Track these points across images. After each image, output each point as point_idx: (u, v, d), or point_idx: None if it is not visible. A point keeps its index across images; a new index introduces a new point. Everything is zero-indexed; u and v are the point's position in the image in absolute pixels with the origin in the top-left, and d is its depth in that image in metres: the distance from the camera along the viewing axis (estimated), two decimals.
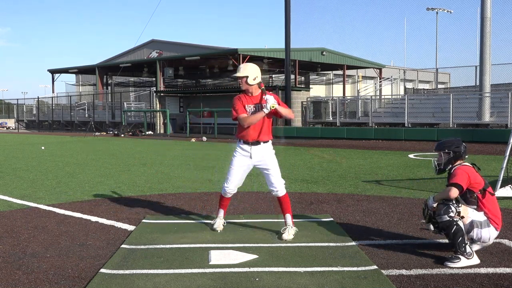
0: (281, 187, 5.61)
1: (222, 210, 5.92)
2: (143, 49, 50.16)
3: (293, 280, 4.16)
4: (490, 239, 4.77)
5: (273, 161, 5.65)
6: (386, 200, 7.75)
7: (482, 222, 4.71)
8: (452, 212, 4.58)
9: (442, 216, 4.62)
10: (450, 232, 4.59)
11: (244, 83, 5.56)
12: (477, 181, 4.77)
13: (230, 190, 5.74)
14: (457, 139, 5.07)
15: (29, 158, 15.71)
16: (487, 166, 12.07)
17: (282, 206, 5.68)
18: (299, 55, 34.39)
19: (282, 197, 5.64)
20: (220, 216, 5.91)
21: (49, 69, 47.53)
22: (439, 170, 5.05)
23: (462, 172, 4.75)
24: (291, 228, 5.55)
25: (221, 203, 5.91)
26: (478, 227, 4.69)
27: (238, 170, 5.69)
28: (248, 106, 5.60)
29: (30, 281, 4.21)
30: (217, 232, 5.77)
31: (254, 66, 5.62)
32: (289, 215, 5.63)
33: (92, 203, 7.64)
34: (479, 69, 24.04)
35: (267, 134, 5.64)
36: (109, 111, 41.74)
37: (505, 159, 7.98)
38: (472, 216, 4.71)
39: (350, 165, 12.99)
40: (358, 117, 29.76)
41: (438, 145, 5.08)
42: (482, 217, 4.74)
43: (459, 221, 4.59)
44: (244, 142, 5.64)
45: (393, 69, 47.12)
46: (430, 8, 47.06)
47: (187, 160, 14.65)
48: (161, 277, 4.26)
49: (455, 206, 4.61)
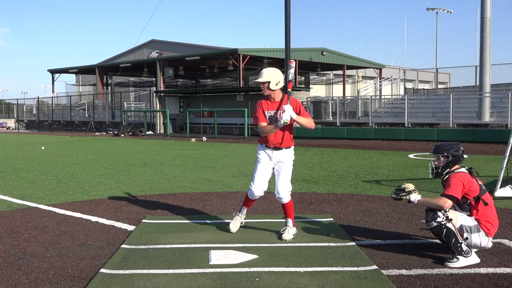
0: (284, 193, 5.51)
1: (246, 208, 5.81)
2: (143, 49, 50.18)
3: (293, 280, 4.16)
4: (481, 244, 4.69)
5: (287, 166, 5.56)
6: (386, 200, 7.75)
7: (472, 227, 4.65)
8: (439, 217, 4.56)
9: (429, 222, 4.59)
10: (443, 236, 4.57)
11: (266, 88, 5.46)
12: (472, 188, 4.70)
13: (256, 192, 5.58)
14: (455, 143, 5.01)
15: (29, 158, 15.71)
16: (487, 166, 12.07)
17: (285, 211, 5.65)
18: (299, 55, 34.38)
19: (286, 204, 5.59)
20: (243, 212, 5.81)
21: (49, 69, 47.58)
22: (436, 173, 4.96)
23: (457, 181, 4.67)
24: (291, 228, 5.54)
25: (246, 203, 5.79)
26: (468, 231, 4.64)
27: (263, 172, 5.56)
28: (268, 112, 5.51)
29: (30, 281, 4.21)
30: (233, 232, 5.72)
31: (276, 70, 5.51)
32: (290, 220, 5.61)
33: (92, 203, 7.64)
34: (479, 69, 24.05)
35: (287, 140, 5.53)
36: (109, 111, 41.74)
37: (505, 159, 7.98)
38: (461, 221, 4.66)
39: (350, 165, 12.99)
40: (358, 117, 29.77)
41: (436, 148, 4.97)
42: (472, 222, 4.68)
43: (448, 223, 4.55)
44: (266, 147, 5.58)
45: (393, 69, 47.11)
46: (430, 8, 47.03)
47: (187, 160, 14.64)
48: (161, 277, 4.26)
49: (442, 212, 4.58)
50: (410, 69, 47.54)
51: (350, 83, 47.79)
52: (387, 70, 44.00)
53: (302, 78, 41.10)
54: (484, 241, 4.68)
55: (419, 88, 45.77)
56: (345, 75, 40.22)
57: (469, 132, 21.75)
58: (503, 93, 25.79)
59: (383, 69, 42.31)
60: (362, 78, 46.64)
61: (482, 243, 4.68)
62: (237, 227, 5.78)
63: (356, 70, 44.18)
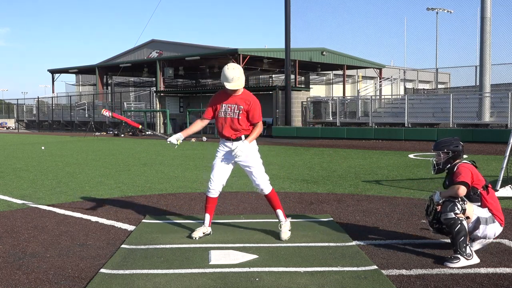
0: (265, 184, 5.49)
1: (208, 215, 5.64)
2: (143, 49, 50.17)
3: (293, 280, 4.16)
4: (495, 235, 4.79)
5: (255, 158, 5.49)
6: (386, 200, 7.75)
7: (487, 218, 4.72)
8: (458, 209, 4.57)
9: (447, 213, 4.59)
10: (454, 230, 4.56)
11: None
12: (480, 178, 4.80)
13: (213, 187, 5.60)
14: (455, 138, 5.06)
15: (29, 158, 15.71)
16: (487, 166, 12.07)
17: (271, 203, 5.60)
18: (299, 55, 34.38)
19: (269, 194, 5.55)
20: (206, 223, 5.63)
21: (49, 69, 47.53)
22: (437, 169, 5.04)
23: (466, 169, 4.77)
24: (284, 222, 5.52)
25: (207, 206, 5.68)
26: (484, 223, 4.70)
27: (220, 167, 5.56)
28: (222, 105, 5.44)
29: (30, 281, 4.21)
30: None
31: (241, 69, 5.36)
32: (280, 211, 5.57)
33: (92, 203, 7.64)
34: (479, 69, 24.04)
35: (236, 131, 5.42)
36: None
37: (505, 159, 7.98)
38: (478, 213, 4.71)
39: (350, 165, 12.99)
40: (358, 117, 29.76)
41: (437, 145, 5.07)
42: (487, 213, 4.74)
43: (464, 221, 4.58)
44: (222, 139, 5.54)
45: (393, 69, 47.11)
46: (430, 8, 47.06)
47: (187, 160, 14.64)
48: (161, 277, 4.25)
49: (461, 204, 4.60)
50: (410, 69, 47.54)
51: (350, 83, 47.79)
52: (387, 70, 44.00)
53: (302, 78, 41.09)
54: (498, 231, 4.80)
55: (419, 88, 45.78)
56: (345, 75, 40.20)
57: (469, 132, 21.74)
58: (503, 93, 25.78)
59: (383, 69, 42.30)
60: (362, 78, 46.64)
61: (497, 232, 4.79)
62: (200, 234, 5.52)
63: (356, 70, 44.18)
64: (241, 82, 5.32)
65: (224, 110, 5.43)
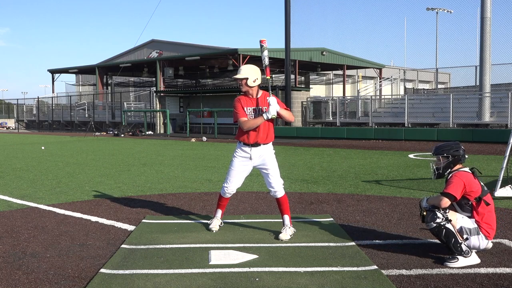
0: (279, 187, 5.61)
1: (220, 211, 5.94)
2: (143, 49, 50.17)
3: (293, 280, 4.16)
4: (480, 247, 4.67)
5: (272, 161, 5.65)
6: (386, 200, 7.75)
7: (471, 229, 4.64)
8: (439, 218, 4.55)
9: (429, 223, 4.60)
10: (442, 237, 4.56)
11: (244, 84, 5.55)
12: (474, 189, 4.67)
13: (229, 190, 5.76)
14: (455, 142, 4.98)
15: (29, 158, 15.71)
16: (487, 166, 12.08)
17: (280, 207, 5.69)
18: (299, 55, 34.39)
19: (281, 198, 5.65)
20: (218, 216, 5.93)
21: (49, 69, 47.56)
22: (437, 175, 4.95)
23: (458, 180, 4.66)
24: (288, 228, 5.55)
25: (220, 203, 5.93)
26: (467, 233, 4.63)
27: (238, 171, 5.69)
28: (247, 109, 5.59)
29: (30, 281, 4.21)
30: (214, 232, 5.77)
31: (254, 67, 5.60)
32: (287, 216, 5.63)
33: (92, 203, 7.64)
34: (479, 69, 24.06)
35: (267, 136, 5.62)
36: (109, 111, 41.73)
37: (505, 159, 7.98)
38: (461, 223, 4.65)
39: (350, 165, 12.99)
40: (358, 117, 29.78)
41: (436, 149, 4.95)
42: (472, 224, 4.66)
43: (447, 224, 4.54)
44: (244, 144, 5.62)
45: (393, 69, 47.12)
46: (430, 8, 47.07)
47: (187, 160, 14.65)
48: (161, 277, 4.26)
49: (442, 213, 4.58)
50: (410, 69, 47.57)
51: (350, 83, 47.80)
52: (387, 70, 44.01)
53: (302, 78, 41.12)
54: (483, 244, 4.67)
55: (419, 88, 45.75)
56: (345, 75, 40.21)
57: (469, 132, 21.74)
58: (503, 93, 25.80)
59: (383, 69, 42.30)
60: (362, 78, 46.65)
61: (481, 245, 4.67)
62: (217, 225, 5.86)
63: (356, 70, 44.18)
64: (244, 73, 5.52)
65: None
